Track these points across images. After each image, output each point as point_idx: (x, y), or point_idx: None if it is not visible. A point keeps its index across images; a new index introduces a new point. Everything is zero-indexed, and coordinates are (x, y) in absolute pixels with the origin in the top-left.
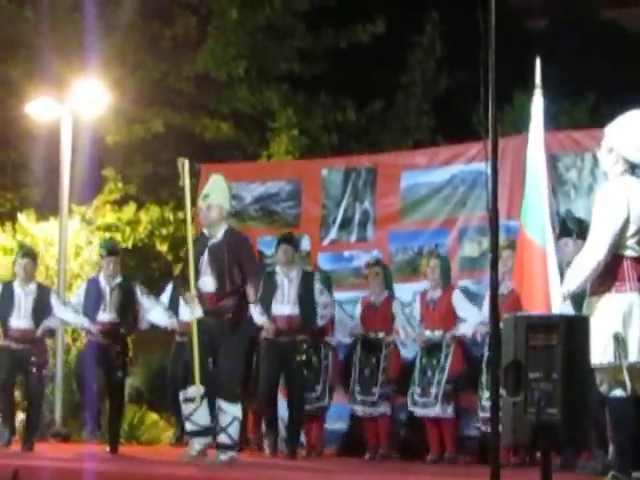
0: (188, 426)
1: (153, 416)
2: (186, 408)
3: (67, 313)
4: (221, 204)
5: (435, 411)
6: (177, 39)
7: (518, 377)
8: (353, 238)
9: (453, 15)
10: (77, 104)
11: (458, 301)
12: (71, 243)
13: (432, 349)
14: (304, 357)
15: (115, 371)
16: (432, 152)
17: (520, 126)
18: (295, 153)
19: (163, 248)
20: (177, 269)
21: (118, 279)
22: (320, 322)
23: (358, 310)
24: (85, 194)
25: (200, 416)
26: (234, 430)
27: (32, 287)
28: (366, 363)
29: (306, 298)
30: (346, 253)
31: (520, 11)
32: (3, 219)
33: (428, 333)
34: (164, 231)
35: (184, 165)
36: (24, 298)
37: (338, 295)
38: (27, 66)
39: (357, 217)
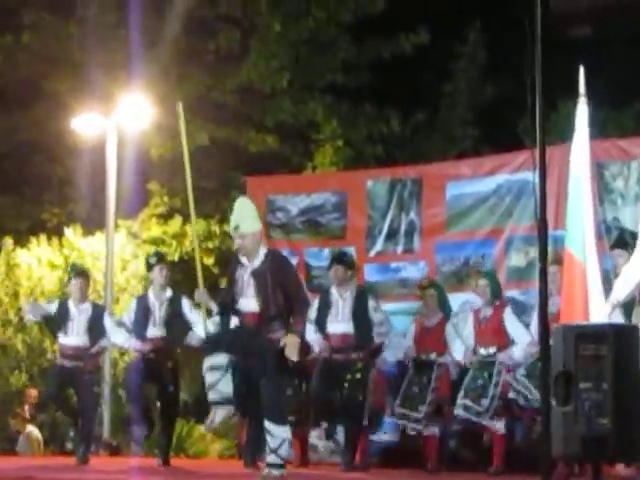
0: (211, 395)
1: (200, 429)
2: (211, 376)
3: (119, 336)
4: (253, 231)
5: (487, 422)
6: (220, 52)
7: (568, 387)
8: (399, 249)
9: (497, 24)
10: (122, 118)
11: (509, 321)
12: (117, 257)
13: (485, 364)
14: (358, 375)
15: (167, 385)
16: (477, 162)
17: (566, 135)
18: (340, 164)
19: (209, 261)
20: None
21: (168, 293)
22: (377, 340)
23: (411, 332)
24: (131, 208)
25: (224, 385)
26: (284, 451)
27: (86, 306)
28: (416, 381)
29: (361, 316)
30: (393, 264)
31: (565, 18)
32: (50, 234)
33: (482, 350)
34: (210, 244)
35: (179, 108)
36: (78, 316)
37: (385, 306)
38: (73, 81)
39: (403, 228)
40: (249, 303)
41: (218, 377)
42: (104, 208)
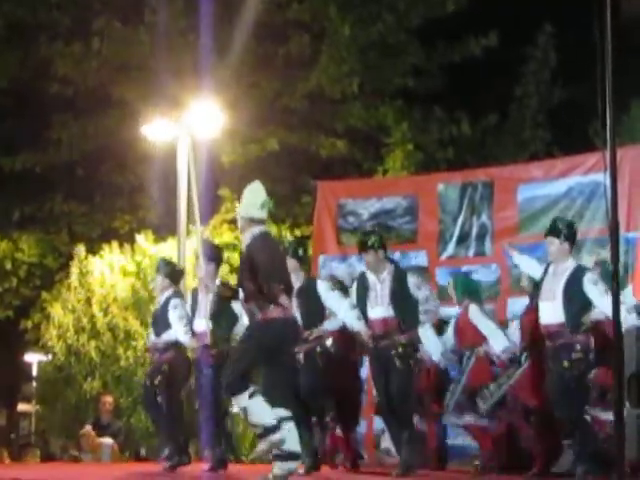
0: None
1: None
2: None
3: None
4: (241, 213)
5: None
6: (290, 58)
7: None
8: (471, 253)
9: (567, 26)
10: (193, 125)
11: (476, 319)
12: (189, 263)
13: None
14: (399, 363)
15: None
16: (548, 164)
17: (637, 136)
18: (410, 168)
19: None
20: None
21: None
22: (425, 318)
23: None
24: (202, 214)
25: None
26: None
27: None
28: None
29: (401, 297)
30: (464, 268)
31: (636, 21)
32: (121, 241)
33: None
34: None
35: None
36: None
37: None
38: (142, 88)
39: (474, 231)
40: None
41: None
42: (175, 214)
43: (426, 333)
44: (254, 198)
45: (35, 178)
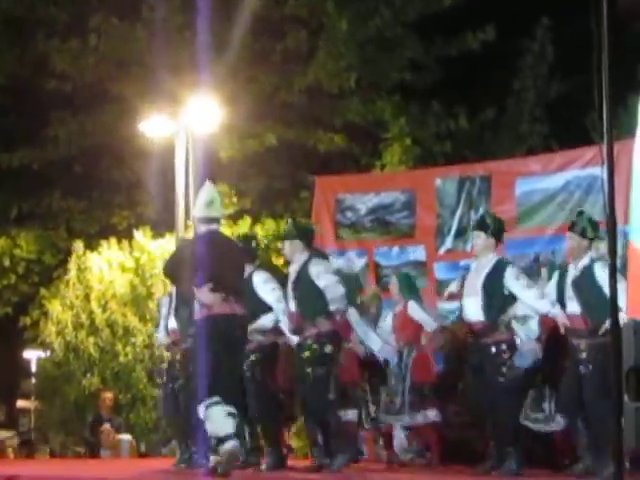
0: None
1: None
2: None
3: None
4: (192, 214)
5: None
6: (288, 53)
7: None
8: (469, 247)
9: (564, 19)
10: (190, 121)
11: (414, 312)
12: None
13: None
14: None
15: None
16: (546, 158)
17: (635, 129)
18: (408, 163)
19: (279, 262)
20: None
21: None
22: (336, 307)
23: None
24: None
25: None
26: None
27: None
28: None
29: (302, 288)
30: (462, 262)
31: (633, 13)
32: (120, 237)
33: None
34: (280, 245)
35: None
36: None
37: (455, 304)
38: (140, 84)
39: (472, 226)
40: None
41: None
42: (173, 210)
43: (355, 319)
44: (200, 198)
45: (33, 174)
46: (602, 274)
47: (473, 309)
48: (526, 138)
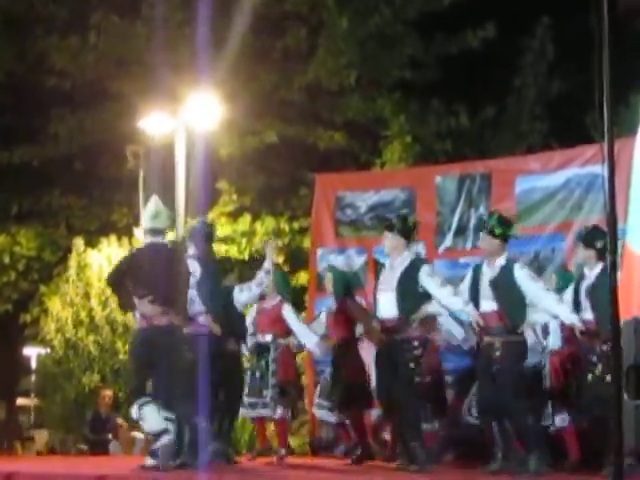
0: None
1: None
2: None
3: None
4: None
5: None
6: (288, 50)
7: (639, 381)
8: (469, 245)
9: (564, 17)
10: (190, 118)
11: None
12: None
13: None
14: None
15: None
16: (546, 156)
17: (636, 127)
18: (408, 160)
19: (279, 259)
20: (295, 280)
21: None
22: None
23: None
24: (200, 207)
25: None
26: None
27: None
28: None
29: (205, 285)
30: (462, 260)
31: (633, 11)
32: (120, 234)
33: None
34: (280, 242)
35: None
36: None
37: None
38: (140, 82)
39: (472, 223)
40: None
41: None
42: (173, 207)
43: (289, 315)
44: (147, 211)
45: (33, 172)
46: (521, 273)
47: (387, 306)
48: (526, 136)
